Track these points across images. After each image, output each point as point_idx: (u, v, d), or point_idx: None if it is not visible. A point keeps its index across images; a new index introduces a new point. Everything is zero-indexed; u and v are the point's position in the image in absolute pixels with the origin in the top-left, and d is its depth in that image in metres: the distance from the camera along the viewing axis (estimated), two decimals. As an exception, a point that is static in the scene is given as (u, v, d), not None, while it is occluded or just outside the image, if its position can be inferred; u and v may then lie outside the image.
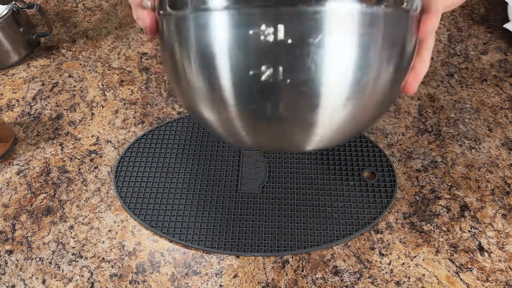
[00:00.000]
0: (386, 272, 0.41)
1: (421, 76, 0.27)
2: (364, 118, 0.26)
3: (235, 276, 0.42)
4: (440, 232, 0.44)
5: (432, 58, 0.61)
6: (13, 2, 0.58)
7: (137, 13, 0.28)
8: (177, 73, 0.25)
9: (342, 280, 0.41)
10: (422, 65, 0.27)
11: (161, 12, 0.25)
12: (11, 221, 0.46)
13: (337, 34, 0.21)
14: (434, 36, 0.27)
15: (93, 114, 0.56)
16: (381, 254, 0.43)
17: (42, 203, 0.47)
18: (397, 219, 0.45)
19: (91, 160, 0.51)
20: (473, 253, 0.42)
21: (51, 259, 0.43)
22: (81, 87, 0.59)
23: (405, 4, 0.23)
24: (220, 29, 0.22)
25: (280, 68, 0.22)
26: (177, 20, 0.24)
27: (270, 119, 0.24)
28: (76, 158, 0.51)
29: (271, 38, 0.21)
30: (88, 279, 0.42)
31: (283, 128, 0.25)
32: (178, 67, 0.25)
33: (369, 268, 0.42)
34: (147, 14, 0.26)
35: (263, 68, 0.22)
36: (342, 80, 0.23)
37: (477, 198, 0.46)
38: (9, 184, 0.49)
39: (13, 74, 0.61)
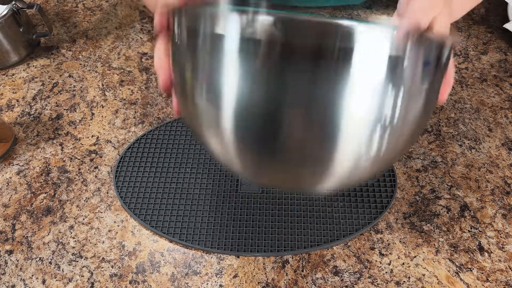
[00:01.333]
0: (386, 272, 0.41)
1: None
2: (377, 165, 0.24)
3: (235, 276, 0.42)
4: (440, 232, 0.44)
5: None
6: (13, 2, 0.58)
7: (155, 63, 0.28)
8: (185, 94, 0.25)
9: (342, 280, 0.41)
10: None
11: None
12: (11, 221, 0.46)
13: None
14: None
15: (93, 114, 0.56)
16: (381, 254, 0.43)
17: (42, 203, 0.47)
18: (397, 219, 0.45)
19: (91, 160, 0.51)
20: (473, 253, 0.42)
21: (51, 259, 0.43)
22: (81, 87, 0.59)
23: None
24: (230, 67, 0.22)
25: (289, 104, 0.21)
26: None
27: (276, 159, 0.23)
28: (76, 158, 0.51)
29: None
30: (88, 279, 0.42)
31: (290, 168, 0.24)
32: (187, 90, 0.25)
33: (369, 268, 0.42)
34: (162, 70, 0.26)
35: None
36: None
37: (477, 198, 0.46)
38: (9, 184, 0.49)
39: (13, 74, 0.61)
